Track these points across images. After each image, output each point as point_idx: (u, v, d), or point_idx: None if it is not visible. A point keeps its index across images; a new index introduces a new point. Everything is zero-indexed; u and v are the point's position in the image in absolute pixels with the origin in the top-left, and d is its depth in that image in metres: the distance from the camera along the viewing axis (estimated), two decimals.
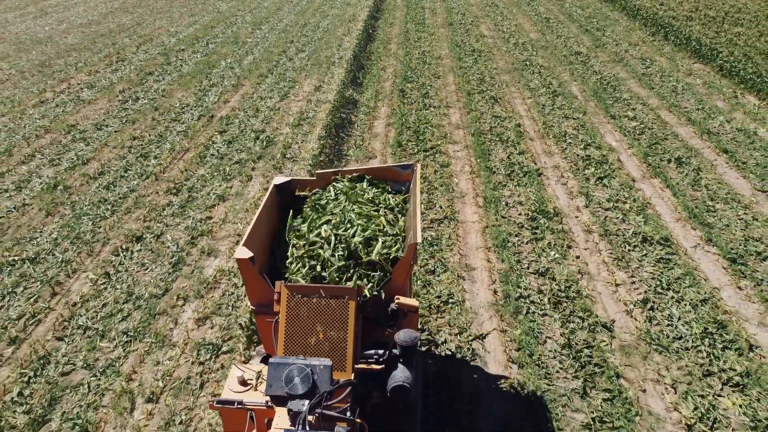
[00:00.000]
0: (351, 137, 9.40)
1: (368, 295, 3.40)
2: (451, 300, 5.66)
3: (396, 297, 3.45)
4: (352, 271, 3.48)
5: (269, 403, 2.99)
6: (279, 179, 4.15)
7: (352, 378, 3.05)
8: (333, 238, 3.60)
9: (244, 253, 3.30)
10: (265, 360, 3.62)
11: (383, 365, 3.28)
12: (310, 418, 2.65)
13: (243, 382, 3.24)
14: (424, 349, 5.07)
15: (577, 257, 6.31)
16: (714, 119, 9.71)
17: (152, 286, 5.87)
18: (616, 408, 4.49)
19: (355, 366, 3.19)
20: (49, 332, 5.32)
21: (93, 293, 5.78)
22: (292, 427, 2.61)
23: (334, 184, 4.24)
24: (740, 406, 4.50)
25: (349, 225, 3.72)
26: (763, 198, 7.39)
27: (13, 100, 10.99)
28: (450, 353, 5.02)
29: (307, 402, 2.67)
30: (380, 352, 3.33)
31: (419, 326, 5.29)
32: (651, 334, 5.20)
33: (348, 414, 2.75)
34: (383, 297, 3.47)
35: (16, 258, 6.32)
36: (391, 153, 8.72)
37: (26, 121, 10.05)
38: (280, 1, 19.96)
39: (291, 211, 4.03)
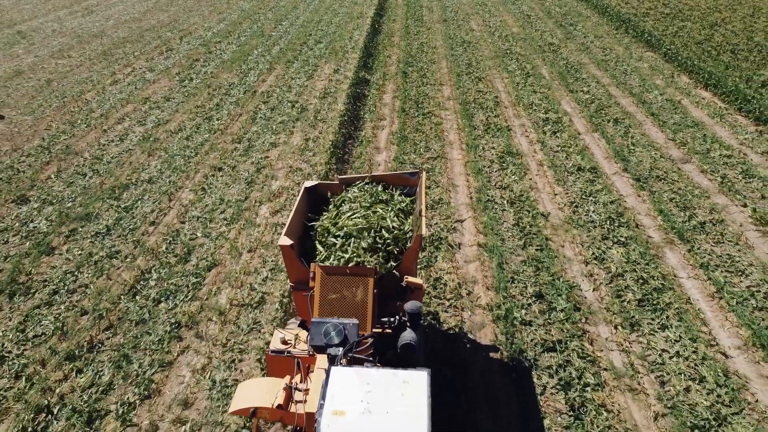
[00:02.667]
0: (365, 106, 12.08)
1: (383, 274, 4.24)
2: (441, 201, 8.35)
3: (405, 277, 4.25)
4: (370, 255, 4.26)
5: (311, 352, 3.85)
6: (308, 183, 4.91)
7: (373, 333, 3.88)
8: (353, 230, 4.37)
9: (285, 241, 4.05)
10: (301, 325, 4.47)
11: (394, 330, 4.04)
12: (343, 360, 3.35)
13: (284, 342, 4.08)
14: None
15: (530, 179, 8.99)
16: (650, 93, 12.41)
17: (236, 195, 8.55)
18: (543, 253, 7.17)
19: (373, 330, 3.96)
20: (173, 219, 7.99)
21: (197, 199, 8.46)
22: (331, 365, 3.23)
23: (354, 186, 4.96)
24: (621, 253, 7.18)
25: (366, 220, 4.47)
26: (672, 144, 10.08)
27: (92, 81, 13.64)
28: (440, 228, 7.70)
29: (341, 349, 3.40)
30: (392, 319, 4.04)
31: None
32: (573, 219, 7.89)
33: (370, 358, 3.50)
34: (395, 276, 4.24)
35: (137, 180, 8.99)
36: (397, 116, 11.40)
37: (108, 95, 12.71)
38: (295, 0, 22.61)
39: (331, 202, 4.89)
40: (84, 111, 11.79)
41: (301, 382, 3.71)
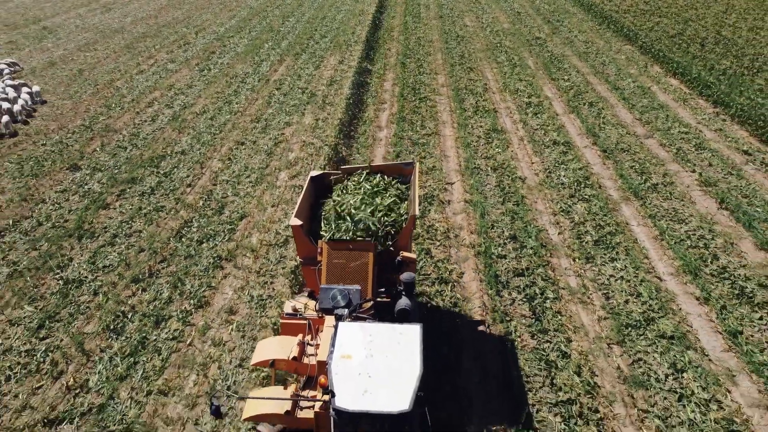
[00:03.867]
0: (368, 92, 13.48)
1: (382, 249, 4.79)
2: (435, 168, 9.75)
3: (401, 252, 4.72)
4: (369, 233, 4.74)
5: (320, 314, 4.32)
6: (314, 173, 5.39)
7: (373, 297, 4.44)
8: (353, 212, 4.87)
9: (296, 221, 4.58)
10: (310, 295, 4.92)
11: (391, 299, 4.58)
12: (348, 319, 3.76)
13: (295, 310, 4.60)
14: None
15: (512, 151, 10.40)
16: (624, 80, 13.81)
17: (258, 164, 9.94)
18: (519, 207, 8.57)
19: (374, 298, 4.47)
20: (207, 182, 9.38)
21: (225, 167, 9.85)
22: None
23: (355, 175, 5.42)
24: (584, 207, 8.58)
25: (364, 204, 4.94)
26: (638, 123, 11.48)
27: (120, 70, 15.03)
28: (433, 189, 9.11)
29: (346, 310, 3.89)
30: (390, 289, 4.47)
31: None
32: (546, 182, 9.29)
33: (371, 317, 4.04)
34: (392, 251, 4.78)
35: (171, 152, 10.39)
36: (396, 100, 12.79)
37: (136, 83, 14.10)
38: None
39: (335, 189, 5.38)
40: (116, 96, 13.18)
41: (312, 339, 4.34)
